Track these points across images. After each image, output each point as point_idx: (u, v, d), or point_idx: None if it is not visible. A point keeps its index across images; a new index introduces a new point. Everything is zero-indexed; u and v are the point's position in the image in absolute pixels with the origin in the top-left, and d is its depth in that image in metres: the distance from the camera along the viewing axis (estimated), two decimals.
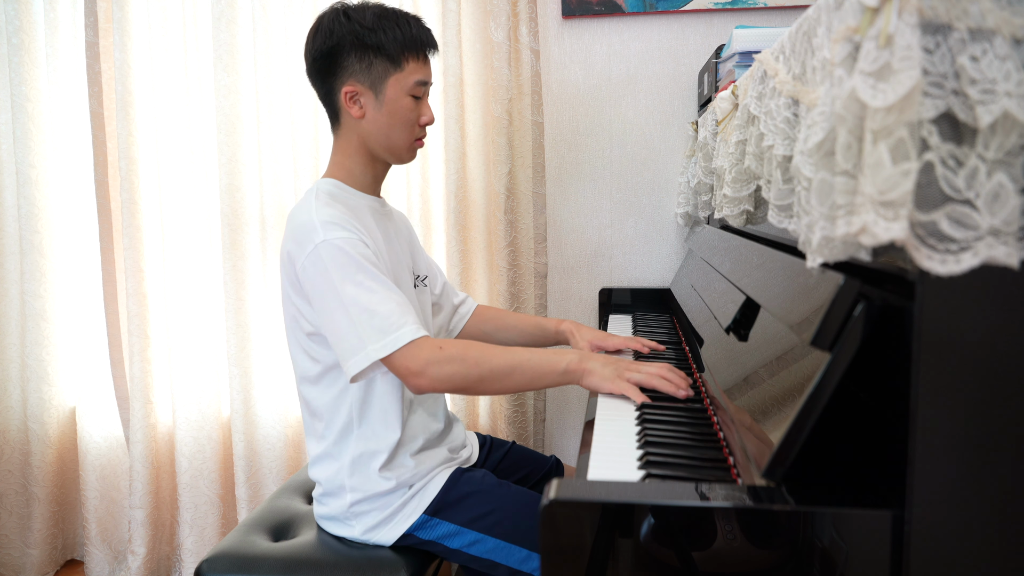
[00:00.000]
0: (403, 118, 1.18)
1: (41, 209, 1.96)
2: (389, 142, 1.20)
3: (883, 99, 0.52)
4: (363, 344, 1.04)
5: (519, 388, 1.12)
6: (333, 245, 1.07)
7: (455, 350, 1.07)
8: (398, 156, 1.23)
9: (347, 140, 1.21)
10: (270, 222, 1.91)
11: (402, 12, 1.18)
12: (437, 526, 1.17)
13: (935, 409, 0.59)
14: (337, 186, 1.20)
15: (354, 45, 1.14)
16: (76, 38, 1.95)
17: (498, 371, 1.08)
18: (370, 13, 1.16)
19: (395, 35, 1.15)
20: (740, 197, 1.05)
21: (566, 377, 1.09)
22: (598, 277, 2.01)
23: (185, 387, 1.94)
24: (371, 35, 1.14)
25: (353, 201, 1.20)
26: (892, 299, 0.64)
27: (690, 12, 1.89)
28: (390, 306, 1.06)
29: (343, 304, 1.05)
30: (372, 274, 1.07)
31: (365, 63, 1.15)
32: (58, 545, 2.09)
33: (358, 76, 1.16)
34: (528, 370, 1.09)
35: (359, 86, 1.16)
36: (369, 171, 1.24)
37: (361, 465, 1.17)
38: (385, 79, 1.16)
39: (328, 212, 1.10)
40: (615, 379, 1.07)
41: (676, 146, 1.95)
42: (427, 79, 1.20)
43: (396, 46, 1.15)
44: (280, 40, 1.86)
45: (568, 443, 2.08)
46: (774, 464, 0.67)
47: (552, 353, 1.11)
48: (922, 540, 0.60)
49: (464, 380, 1.08)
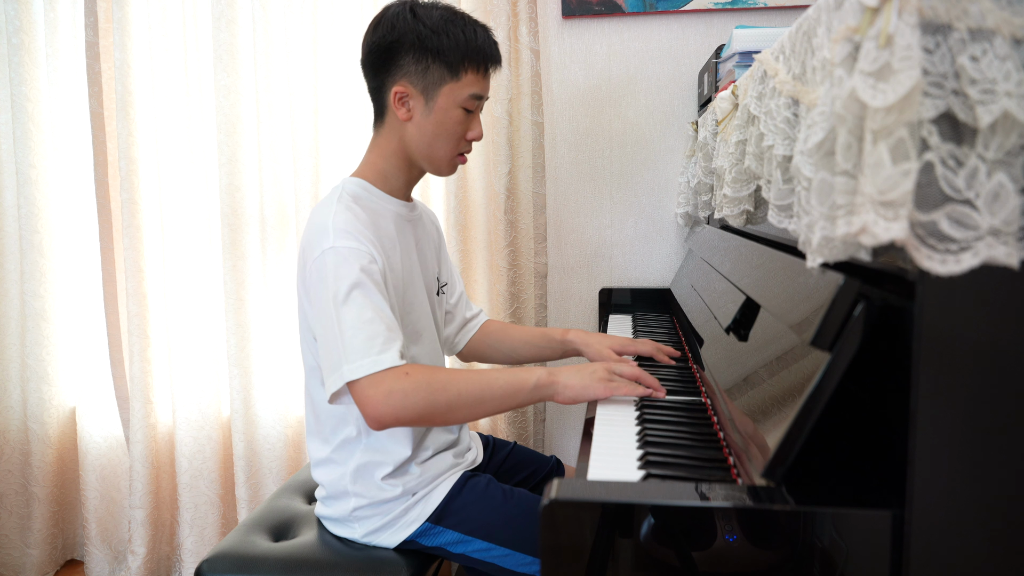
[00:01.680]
0: (450, 129, 1.14)
1: (41, 209, 1.96)
2: (431, 151, 1.15)
3: (883, 99, 0.52)
4: (339, 364, 1.00)
5: (490, 412, 1.07)
6: (339, 254, 1.03)
7: (420, 376, 1.01)
8: (437, 168, 1.18)
9: (387, 139, 1.17)
10: (270, 222, 1.91)
11: (471, 19, 1.14)
12: (440, 534, 1.15)
13: (935, 409, 0.59)
14: (364, 188, 1.16)
15: (414, 45, 1.09)
16: (76, 38, 1.95)
17: (466, 395, 1.03)
18: (437, 14, 1.11)
19: (458, 42, 1.10)
20: (740, 197, 1.05)
21: (537, 393, 1.05)
22: (598, 277, 2.01)
23: (185, 387, 1.94)
24: (433, 38, 1.09)
25: (378, 205, 1.16)
26: (892, 299, 0.64)
27: (690, 12, 1.89)
28: (377, 327, 1.01)
29: (333, 317, 1.01)
30: (369, 291, 1.03)
31: (422, 66, 1.10)
32: (58, 545, 2.09)
33: (412, 78, 1.11)
34: (497, 390, 1.04)
35: (411, 88, 1.11)
36: (403, 175, 1.19)
37: (365, 473, 1.15)
38: (439, 86, 1.11)
39: (345, 219, 1.06)
40: (593, 384, 1.05)
41: (676, 146, 1.95)
42: (483, 94, 1.15)
43: (457, 54, 1.10)
44: (280, 40, 1.86)
45: (568, 443, 2.08)
46: (774, 464, 0.67)
47: (520, 371, 1.07)
48: (922, 540, 0.60)
49: (429, 408, 1.01)
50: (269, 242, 1.92)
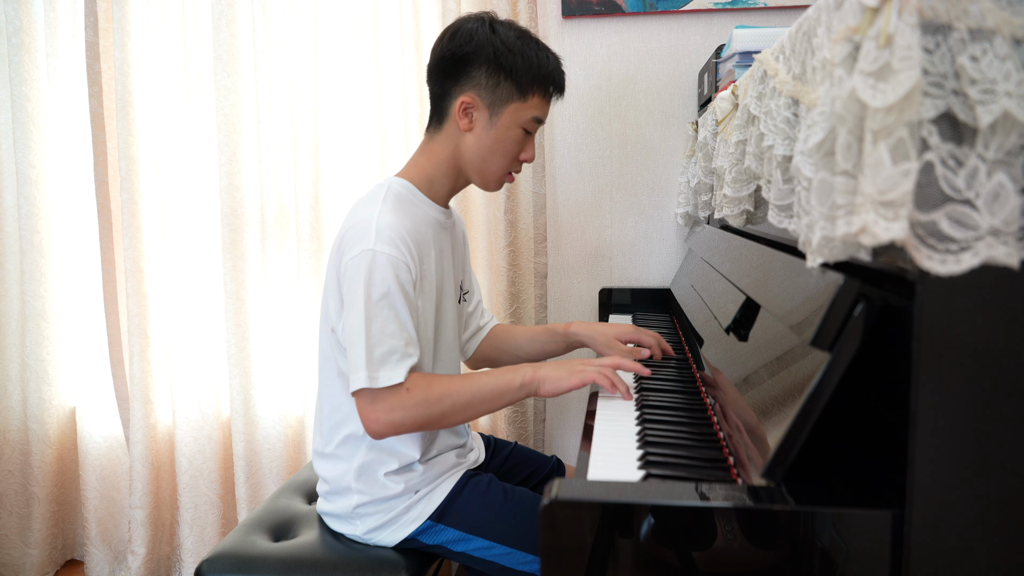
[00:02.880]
0: (508, 147, 1.16)
1: (41, 209, 1.96)
2: (484, 165, 1.18)
3: (883, 99, 0.52)
4: (359, 367, 1.04)
5: (482, 414, 1.12)
6: (377, 259, 1.05)
7: (418, 389, 1.06)
8: (486, 182, 1.21)
9: (441, 146, 1.18)
10: (270, 222, 1.91)
11: (544, 44, 1.17)
12: (442, 532, 1.16)
13: (935, 409, 0.59)
14: (409, 190, 1.17)
15: (489, 59, 1.12)
16: (76, 38, 1.95)
17: (459, 404, 1.07)
18: (514, 34, 1.14)
19: (531, 64, 1.13)
20: (740, 197, 1.05)
21: (524, 391, 1.10)
22: (598, 277, 2.01)
23: (185, 387, 1.94)
24: (509, 56, 1.12)
25: (420, 210, 1.17)
26: (892, 299, 0.64)
27: (690, 12, 1.89)
28: (395, 342, 1.04)
29: (361, 320, 1.04)
30: (397, 303, 1.05)
31: (493, 80, 1.13)
32: (58, 545, 2.09)
33: (480, 91, 1.13)
34: (487, 393, 1.09)
35: (478, 100, 1.14)
36: (448, 183, 1.21)
37: (368, 471, 1.16)
38: (506, 104, 1.14)
39: (389, 220, 1.08)
40: (569, 376, 1.09)
41: (676, 146, 1.95)
42: (544, 117, 1.19)
43: (529, 75, 1.13)
44: (280, 40, 1.86)
45: (568, 443, 2.08)
46: (774, 464, 0.67)
47: (507, 371, 1.11)
48: (922, 540, 0.60)
49: (426, 419, 1.07)
50: (269, 242, 1.92)
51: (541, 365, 1.11)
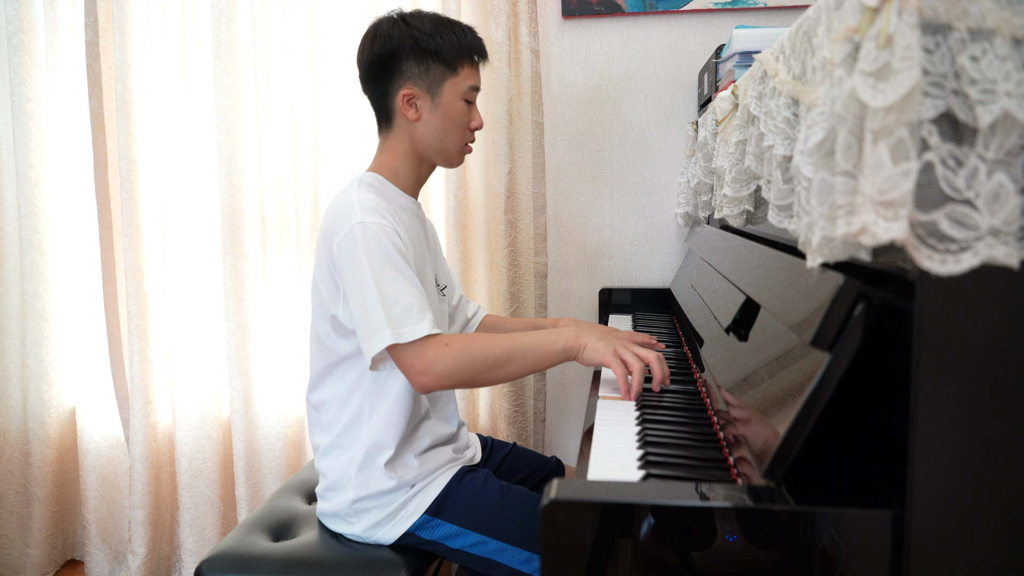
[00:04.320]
0: (457, 121, 1.22)
1: (41, 209, 1.96)
2: (442, 145, 1.23)
3: (883, 99, 0.52)
4: (381, 328, 1.06)
5: (522, 373, 1.14)
6: (368, 228, 1.09)
7: (460, 345, 1.09)
8: (448, 159, 1.26)
9: (397, 141, 1.23)
10: (270, 222, 1.91)
11: (456, 21, 1.23)
12: (439, 527, 1.17)
13: (935, 409, 0.59)
14: (380, 181, 1.22)
15: (413, 49, 1.18)
16: (76, 38, 1.95)
17: (501, 360, 1.10)
18: (427, 20, 1.20)
19: (451, 41, 1.19)
20: (740, 197, 1.05)
21: (566, 354, 1.12)
22: (598, 277, 2.01)
23: (185, 387, 1.94)
24: (429, 40, 1.18)
25: (394, 198, 1.22)
26: (892, 299, 0.64)
27: (690, 12, 1.89)
28: (411, 299, 1.08)
29: (370, 286, 1.07)
30: (399, 265, 1.09)
31: (423, 67, 1.19)
32: (58, 545, 2.09)
33: (416, 80, 1.19)
34: (529, 353, 1.11)
35: (417, 89, 1.19)
36: (414, 173, 1.26)
37: (368, 461, 1.17)
38: (442, 83, 1.20)
39: (369, 198, 1.13)
40: (611, 354, 1.09)
41: (676, 146, 1.95)
42: (478, 85, 1.25)
43: (453, 52, 1.19)
44: (280, 40, 1.86)
45: (568, 443, 2.08)
46: (774, 464, 0.67)
47: (548, 334, 1.14)
48: (922, 540, 0.60)
49: (470, 373, 1.10)
50: (269, 242, 1.92)
51: (584, 330, 1.13)
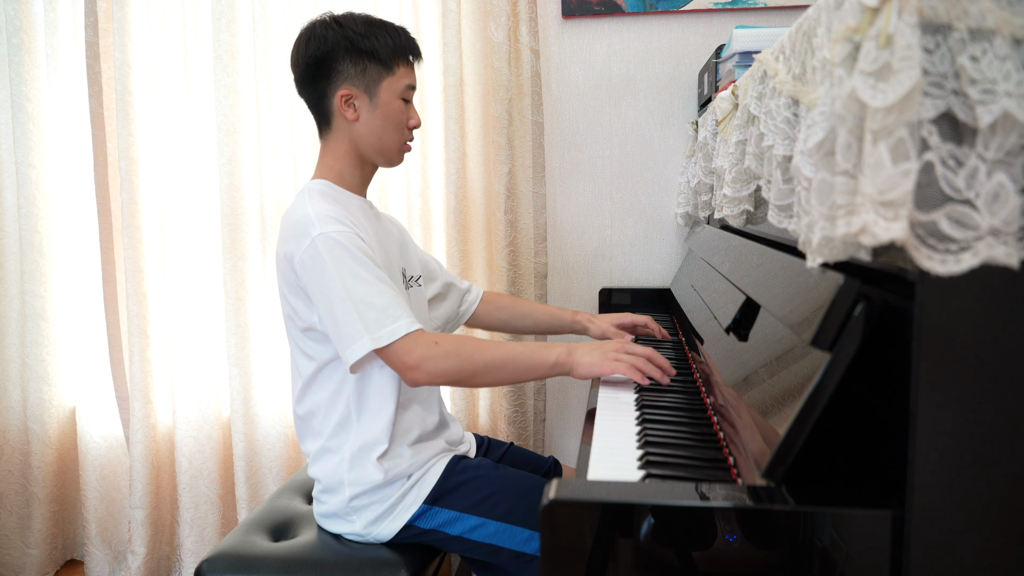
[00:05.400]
0: (395, 120, 1.22)
1: (41, 209, 1.95)
2: (381, 144, 1.23)
3: (883, 99, 0.52)
4: (360, 334, 1.07)
5: (511, 381, 1.16)
6: (330, 238, 1.09)
7: (450, 345, 1.10)
8: (388, 158, 1.26)
9: (337, 143, 1.24)
10: (270, 222, 1.91)
11: (388, 22, 1.24)
12: (437, 514, 1.17)
13: (935, 409, 0.59)
14: (328, 186, 1.22)
15: (348, 50, 1.18)
16: (76, 38, 1.95)
17: (491, 365, 1.12)
18: (360, 21, 1.21)
19: (386, 41, 1.20)
20: (740, 197, 1.05)
21: (556, 369, 1.14)
22: (598, 277, 2.01)
23: (185, 387, 1.94)
24: (364, 41, 1.18)
25: (344, 199, 1.22)
26: (892, 299, 0.64)
27: (690, 12, 1.89)
28: (386, 299, 1.08)
29: (341, 295, 1.07)
30: (368, 266, 1.10)
31: (359, 67, 1.19)
32: (58, 545, 2.09)
33: (353, 80, 1.19)
34: (520, 363, 1.13)
35: (354, 89, 1.20)
36: (358, 173, 1.26)
37: (360, 458, 1.17)
38: (379, 83, 1.20)
39: (324, 207, 1.13)
40: (603, 362, 1.11)
41: (676, 146, 1.95)
42: (415, 83, 1.26)
43: (388, 51, 1.20)
44: (280, 40, 1.86)
45: (568, 443, 2.08)
46: (774, 464, 0.67)
47: (542, 347, 1.15)
48: (922, 540, 0.60)
49: (459, 374, 1.12)
50: (269, 242, 1.92)
51: (576, 347, 1.14)
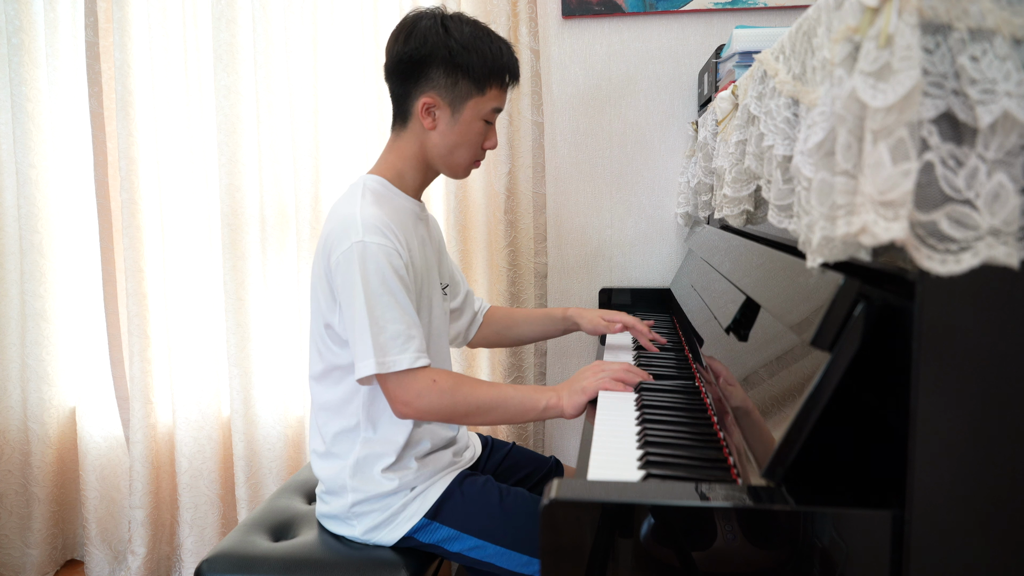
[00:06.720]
0: (472, 139, 1.20)
1: (41, 209, 1.95)
2: (452, 158, 1.21)
3: (883, 99, 0.52)
4: (367, 354, 1.07)
5: (501, 422, 1.17)
6: (368, 249, 1.08)
7: (447, 384, 1.10)
8: (455, 172, 1.25)
9: (407, 143, 1.21)
10: (270, 222, 1.91)
11: (496, 35, 1.20)
12: (437, 530, 1.17)
13: (935, 409, 0.59)
14: (384, 185, 1.20)
15: (445, 60, 1.14)
16: (76, 38, 1.95)
17: (484, 407, 1.12)
18: (467, 30, 1.16)
19: (485, 59, 1.15)
20: (740, 197, 1.05)
21: (547, 413, 1.13)
22: (598, 277, 2.01)
23: (185, 387, 1.94)
24: (464, 54, 1.14)
25: (397, 202, 1.20)
26: (892, 299, 0.64)
27: (690, 12, 1.89)
28: (400, 326, 1.08)
29: (362, 309, 1.07)
30: (395, 289, 1.08)
31: (451, 80, 1.15)
32: (58, 545, 2.09)
33: (440, 90, 1.16)
34: (511, 407, 1.13)
35: (439, 100, 1.16)
36: (419, 177, 1.24)
37: (365, 467, 1.17)
38: (466, 100, 1.17)
39: (372, 212, 1.11)
40: (584, 390, 1.12)
41: (676, 146, 1.95)
42: (502, 106, 1.22)
43: (484, 71, 1.16)
44: (280, 40, 1.86)
45: (568, 443, 2.08)
46: (774, 464, 0.67)
47: (534, 391, 1.14)
48: (922, 540, 0.60)
49: (451, 414, 1.12)
50: (269, 242, 1.92)
51: (562, 389, 1.14)
